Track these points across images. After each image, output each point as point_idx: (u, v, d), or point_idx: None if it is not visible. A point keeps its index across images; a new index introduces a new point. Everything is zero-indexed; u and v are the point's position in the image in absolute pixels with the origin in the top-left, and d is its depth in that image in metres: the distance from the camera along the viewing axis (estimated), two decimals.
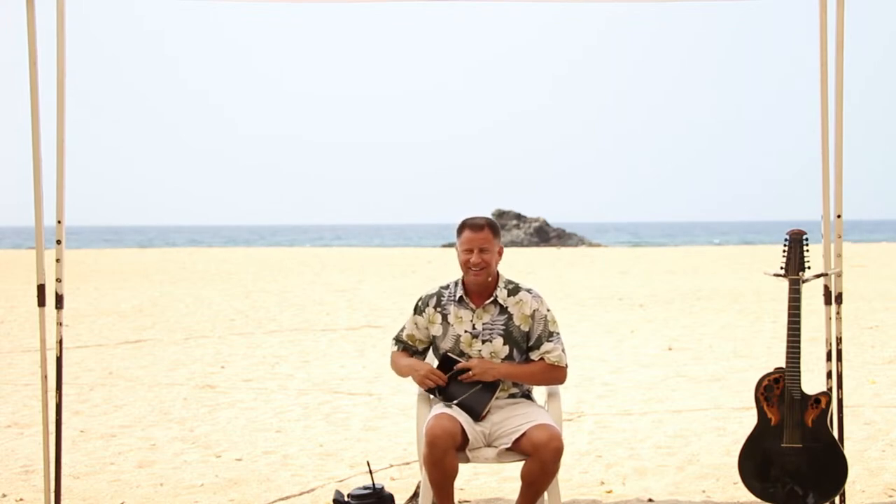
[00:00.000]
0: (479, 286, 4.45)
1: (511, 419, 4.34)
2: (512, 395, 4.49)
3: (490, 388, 4.37)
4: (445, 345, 4.46)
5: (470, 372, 4.34)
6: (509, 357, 4.44)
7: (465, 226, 4.45)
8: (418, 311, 4.54)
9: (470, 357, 4.42)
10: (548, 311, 4.47)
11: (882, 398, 7.60)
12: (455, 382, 4.36)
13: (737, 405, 7.42)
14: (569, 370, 4.54)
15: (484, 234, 4.40)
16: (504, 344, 4.42)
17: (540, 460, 4.15)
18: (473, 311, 4.45)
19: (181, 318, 14.09)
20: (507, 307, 4.45)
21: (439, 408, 4.32)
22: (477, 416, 4.33)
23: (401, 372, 4.57)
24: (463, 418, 4.28)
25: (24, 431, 6.75)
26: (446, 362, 4.39)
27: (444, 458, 4.12)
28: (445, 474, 4.16)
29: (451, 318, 4.47)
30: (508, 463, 4.35)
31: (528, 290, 4.49)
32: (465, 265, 4.42)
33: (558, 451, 4.14)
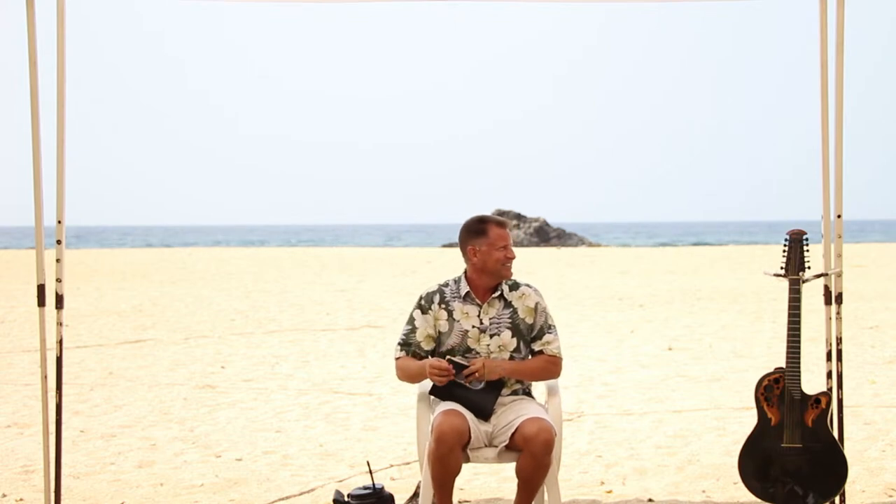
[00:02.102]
0: (495, 281, 4.50)
1: (507, 414, 4.37)
2: (514, 392, 4.52)
3: (495, 386, 4.40)
4: (452, 341, 4.48)
5: (476, 373, 4.35)
6: (517, 350, 4.49)
7: (490, 223, 4.49)
8: (424, 310, 4.52)
9: (478, 353, 4.46)
10: (545, 304, 4.60)
11: (882, 398, 7.60)
12: (461, 385, 4.37)
13: (737, 405, 7.42)
14: (564, 367, 4.65)
15: (508, 230, 4.53)
16: (512, 337, 4.48)
17: (531, 453, 4.16)
18: (480, 306, 4.50)
19: (181, 318, 14.09)
20: (510, 301, 4.52)
21: (448, 405, 4.32)
22: (487, 415, 4.35)
23: (413, 377, 4.47)
24: (470, 417, 4.30)
25: (24, 431, 6.76)
26: (452, 367, 4.40)
27: (449, 455, 4.14)
28: (449, 472, 4.17)
29: (456, 315, 4.49)
30: (508, 463, 4.35)
31: (528, 285, 4.60)
32: (500, 262, 4.47)
33: (548, 443, 4.14)
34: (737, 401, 7.58)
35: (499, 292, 4.51)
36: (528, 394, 4.59)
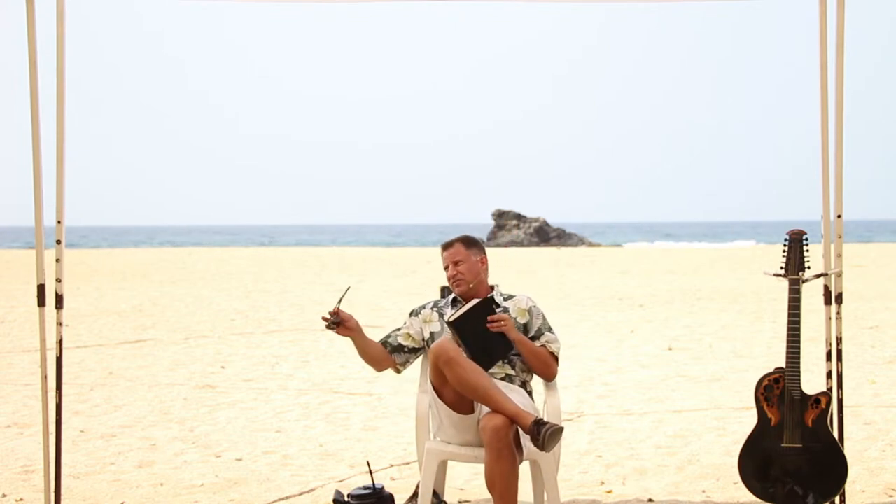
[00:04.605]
0: (468, 296, 4.73)
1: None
2: (508, 377, 4.59)
3: (507, 346, 4.55)
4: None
5: (502, 322, 4.49)
6: None
7: (442, 248, 4.80)
8: (414, 314, 4.85)
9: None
10: (541, 310, 4.80)
11: (882, 398, 7.60)
12: (483, 330, 4.47)
13: (737, 405, 7.42)
14: (564, 367, 4.73)
15: (454, 249, 4.76)
16: None
17: (486, 443, 4.14)
18: None
19: (181, 318, 14.09)
20: (503, 306, 4.74)
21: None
22: (490, 363, 4.47)
23: (362, 353, 4.74)
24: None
25: (24, 431, 6.75)
26: (486, 305, 4.53)
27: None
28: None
29: (447, 317, 4.68)
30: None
31: (523, 295, 4.83)
32: (448, 281, 4.78)
33: (496, 430, 4.10)
34: (737, 401, 7.58)
35: (489, 297, 4.69)
36: (524, 387, 4.65)
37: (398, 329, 4.83)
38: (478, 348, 4.45)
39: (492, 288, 4.81)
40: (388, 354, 4.75)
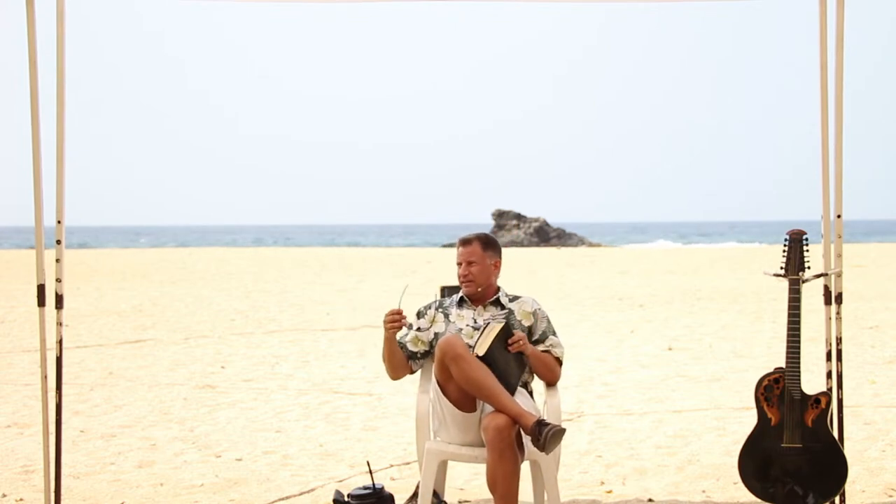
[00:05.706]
0: (475, 297, 4.71)
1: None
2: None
3: (523, 364, 4.50)
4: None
5: (520, 341, 4.40)
6: None
7: (458, 242, 4.75)
8: (420, 315, 4.81)
9: (471, 347, 4.53)
10: (546, 313, 4.78)
11: (882, 398, 7.60)
12: (503, 352, 4.39)
13: (737, 405, 7.42)
14: (564, 367, 4.79)
15: (472, 248, 4.67)
16: None
17: (487, 442, 4.15)
18: (475, 309, 4.73)
19: (181, 318, 14.09)
20: (508, 307, 4.72)
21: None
22: (512, 388, 4.38)
23: (386, 350, 4.68)
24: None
25: (24, 431, 6.75)
26: (506, 330, 4.45)
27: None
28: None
29: (452, 317, 4.72)
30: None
31: (529, 297, 4.80)
32: (459, 278, 4.71)
33: (499, 430, 4.11)
34: (737, 401, 7.58)
35: (495, 299, 4.71)
36: (525, 386, 4.66)
37: (405, 334, 4.78)
38: (504, 373, 4.36)
39: (497, 289, 4.77)
40: (406, 362, 4.74)
